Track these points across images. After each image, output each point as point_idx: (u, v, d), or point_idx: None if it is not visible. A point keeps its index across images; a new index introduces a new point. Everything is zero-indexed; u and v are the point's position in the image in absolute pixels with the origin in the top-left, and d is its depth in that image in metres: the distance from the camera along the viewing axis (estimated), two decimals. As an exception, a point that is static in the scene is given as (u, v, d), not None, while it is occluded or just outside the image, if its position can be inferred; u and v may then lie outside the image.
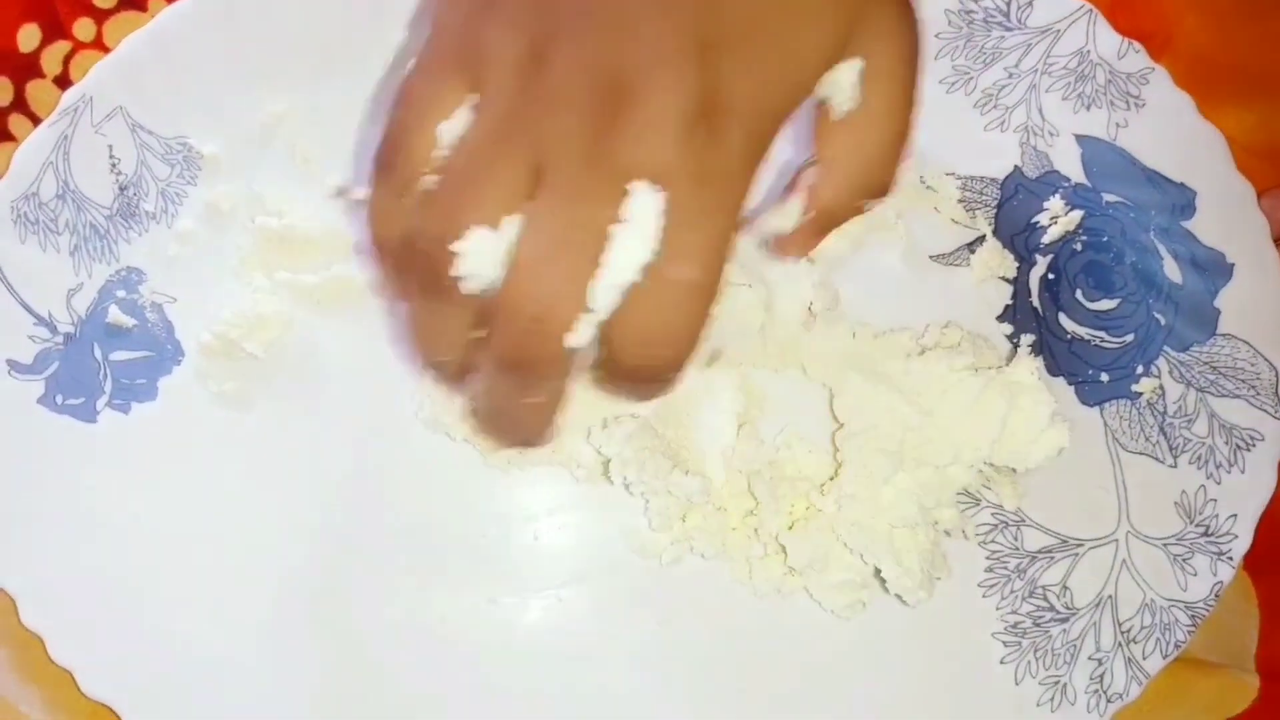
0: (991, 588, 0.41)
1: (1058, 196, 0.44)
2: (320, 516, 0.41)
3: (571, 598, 0.41)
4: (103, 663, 0.39)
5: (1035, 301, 0.44)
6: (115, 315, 0.42)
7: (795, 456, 0.40)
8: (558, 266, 0.27)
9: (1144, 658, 0.40)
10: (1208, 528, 0.41)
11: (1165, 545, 0.41)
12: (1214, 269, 0.43)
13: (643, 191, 0.26)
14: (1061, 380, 0.43)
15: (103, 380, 0.42)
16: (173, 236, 0.43)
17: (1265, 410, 0.42)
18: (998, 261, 0.44)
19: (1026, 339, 0.43)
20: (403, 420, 0.41)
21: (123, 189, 0.43)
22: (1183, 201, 0.43)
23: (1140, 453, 0.42)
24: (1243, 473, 0.41)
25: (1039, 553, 0.41)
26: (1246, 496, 0.41)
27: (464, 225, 0.27)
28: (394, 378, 0.42)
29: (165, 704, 0.39)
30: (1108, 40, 0.44)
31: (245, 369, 0.42)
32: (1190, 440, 0.42)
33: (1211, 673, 0.41)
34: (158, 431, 0.41)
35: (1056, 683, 0.40)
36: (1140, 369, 0.43)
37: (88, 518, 0.40)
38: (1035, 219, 0.44)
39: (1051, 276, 0.44)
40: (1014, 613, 0.40)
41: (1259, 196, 0.43)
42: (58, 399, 0.41)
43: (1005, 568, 0.41)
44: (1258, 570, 0.42)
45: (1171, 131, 0.43)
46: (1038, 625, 0.40)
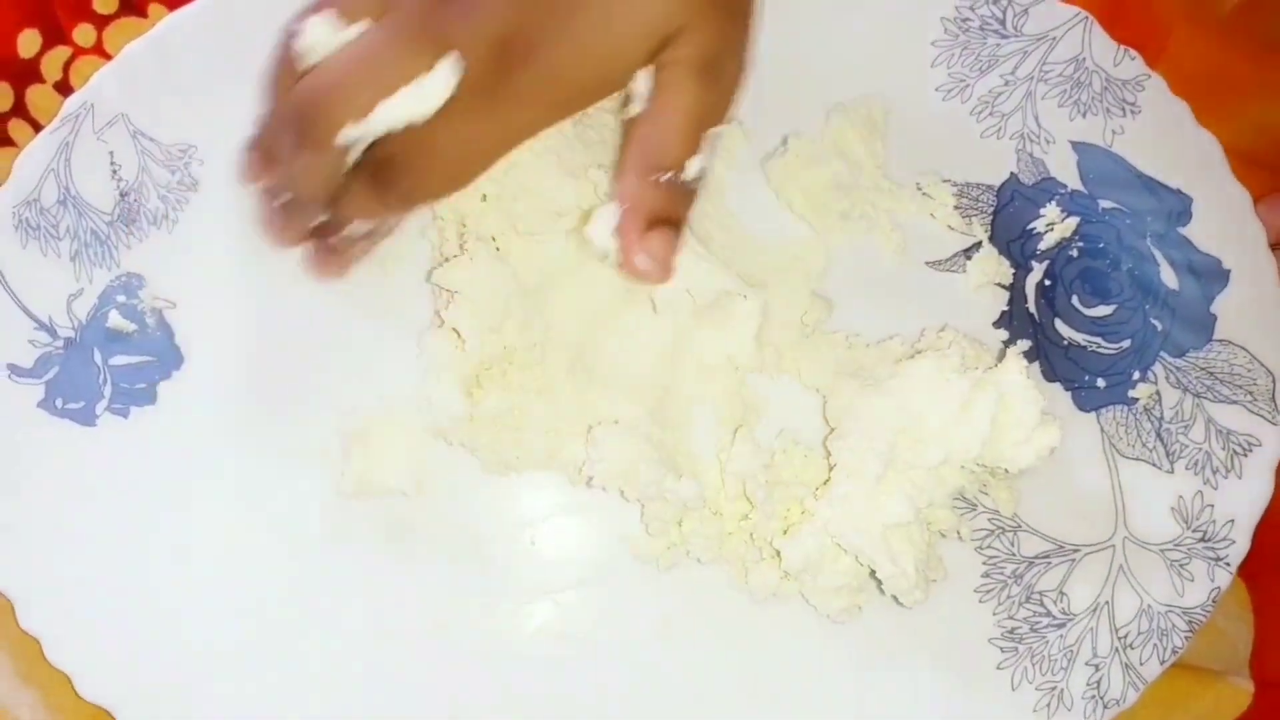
0: (988, 593, 0.41)
1: (1054, 203, 0.44)
2: (318, 521, 0.41)
3: (568, 602, 0.41)
4: (100, 665, 0.39)
5: (1032, 307, 0.44)
6: (115, 320, 0.42)
7: (790, 461, 0.40)
8: (365, 70, 0.34)
9: (1141, 664, 0.40)
10: (1205, 533, 0.41)
11: (1162, 551, 0.41)
12: (1210, 275, 0.43)
13: (450, 63, 0.33)
14: (1058, 386, 0.43)
15: (102, 385, 0.42)
16: (173, 242, 0.43)
17: (1262, 416, 0.42)
18: (994, 268, 0.44)
19: (1022, 344, 0.43)
20: (401, 425, 0.41)
21: (123, 195, 0.43)
22: (1179, 208, 0.43)
23: (1137, 458, 0.42)
24: (1240, 478, 0.41)
25: (1036, 558, 0.41)
26: (1243, 502, 0.41)
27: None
28: (393, 379, 0.42)
29: (162, 706, 0.39)
30: (1103, 47, 0.44)
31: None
32: (1187, 446, 0.42)
33: (1207, 679, 0.41)
34: (157, 436, 0.42)
35: (1053, 689, 0.40)
36: (1137, 375, 0.43)
37: (86, 521, 0.40)
38: (1031, 225, 0.44)
39: (1048, 283, 0.44)
40: (1010, 618, 0.40)
41: (1255, 203, 0.43)
42: (58, 403, 0.41)
43: (1002, 573, 0.41)
44: (1253, 576, 0.42)
45: (1168, 138, 0.44)
46: (1034, 631, 0.40)
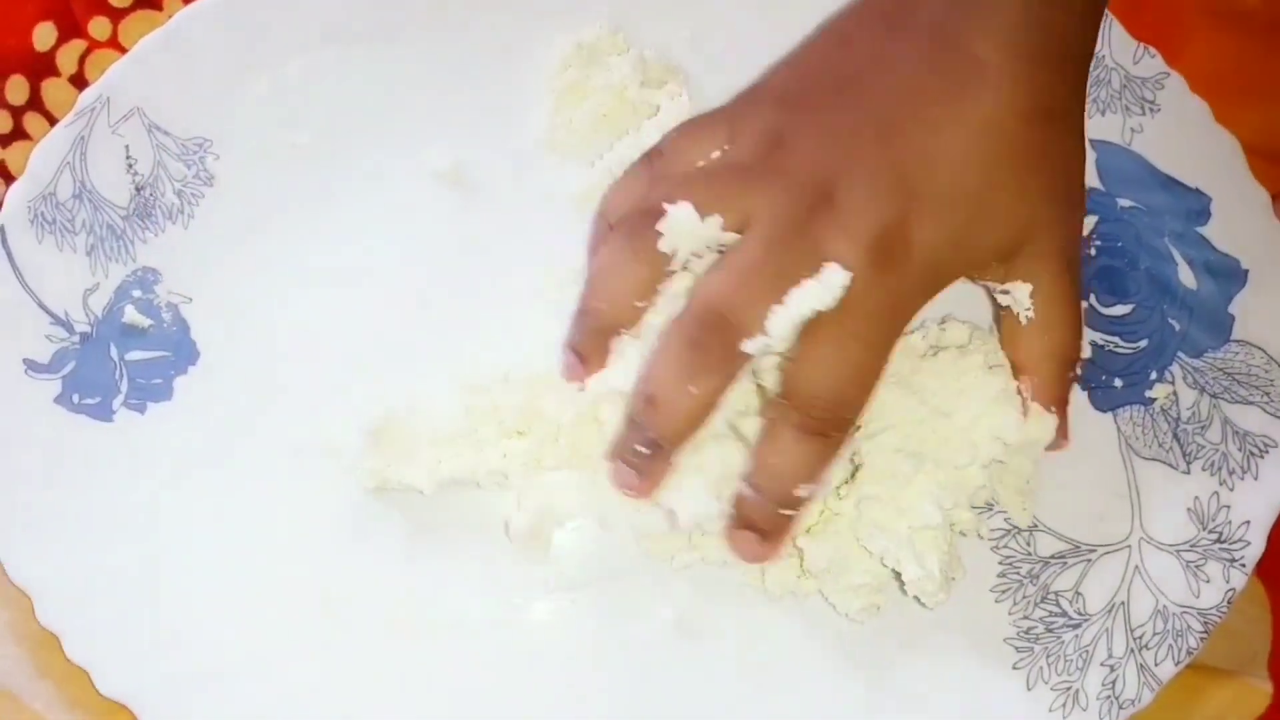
0: (1004, 593, 0.41)
1: (1072, 201, 0.44)
2: (335, 517, 0.41)
3: (584, 600, 0.41)
4: (119, 661, 0.39)
5: (1049, 306, 0.43)
6: (131, 315, 0.42)
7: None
8: (754, 282, 0.34)
9: (1156, 664, 0.40)
10: (1221, 534, 0.41)
11: (1178, 551, 0.41)
12: (1228, 275, 0.43)
13: (834, 269, 0.33)
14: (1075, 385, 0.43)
15: (119, 380, 0.42)
16: (189, 237, 0.43)
17: (1279, 417, 0.42)
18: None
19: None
20: (421, 422, 0.41)
21: (139, 189, 0.43)
22: (1198, 207, 0.43)
23: (1153, 459, 0.42)
24: (1256, 479, 0.41)
25: (1051, 558, 0.41)
26: (1260, 503, 0.41)
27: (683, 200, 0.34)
28: (407, 372, 0.42)
29: (181, 703, 0.39)
30: (1123, 44, 0.44)
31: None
32: (1204, 446, 0.42)
33: (1224, 679, 0.41)
34: (173, 431, 0.41)
35: (1069, 689, 0.40)
36: (1154, 375, 0.43)
37: (103, 517, 0.40)
38: (1050, 224, 0.44)
39: (1066, 281, 0.44)
40: (1026, 618, 0.40)
41: (1274, 202, 0.43)
42: (74, 398, 0.41)
43: (1018, 573, 0.41)
44: (1270, 576, 0.42)
45: (1186, 137, 0.44)
46: (1050, 631, 0.40)
